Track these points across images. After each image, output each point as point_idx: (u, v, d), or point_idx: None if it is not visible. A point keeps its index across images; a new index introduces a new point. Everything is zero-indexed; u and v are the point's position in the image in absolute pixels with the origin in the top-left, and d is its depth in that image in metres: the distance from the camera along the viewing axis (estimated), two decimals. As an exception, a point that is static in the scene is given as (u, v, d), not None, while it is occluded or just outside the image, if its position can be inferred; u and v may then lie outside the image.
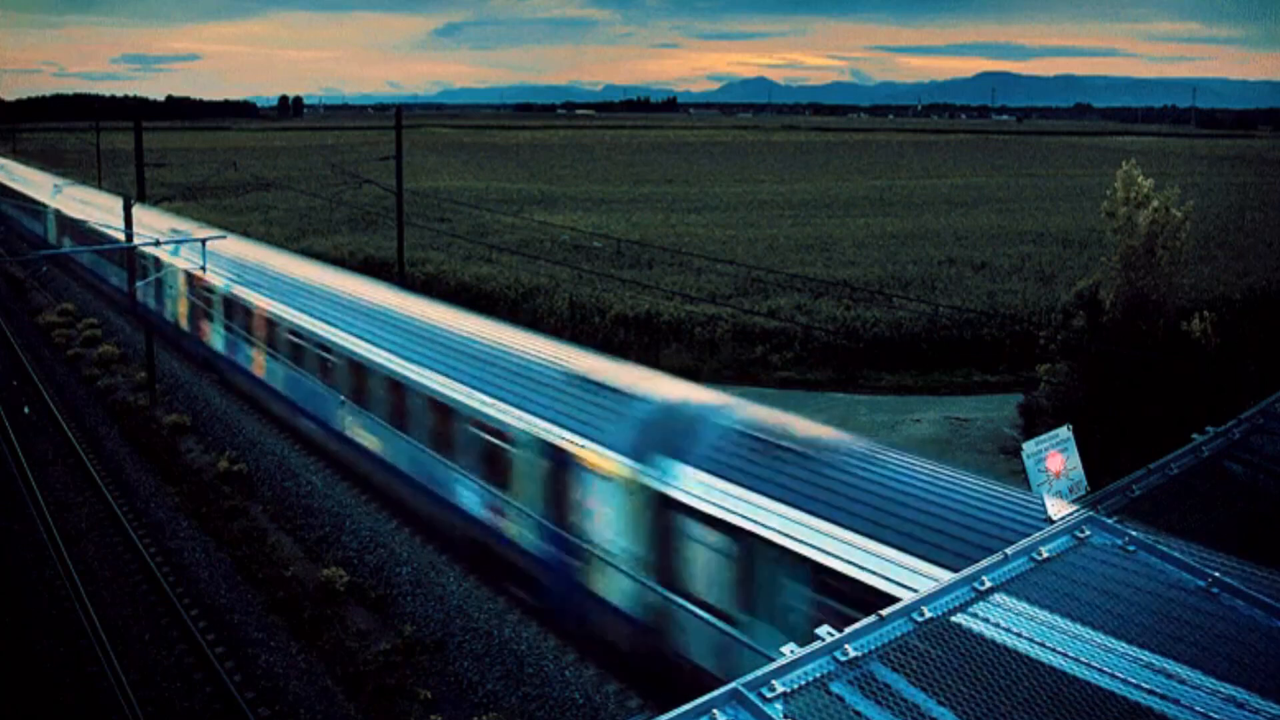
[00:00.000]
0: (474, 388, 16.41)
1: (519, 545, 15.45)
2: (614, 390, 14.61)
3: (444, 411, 17.05)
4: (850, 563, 10.28)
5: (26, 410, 26.62)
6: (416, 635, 15.53)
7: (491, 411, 15.71)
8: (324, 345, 21.38)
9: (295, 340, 22.77)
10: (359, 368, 19.84)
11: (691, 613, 12.28)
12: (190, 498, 20.95)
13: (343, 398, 20.63)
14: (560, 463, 14.23)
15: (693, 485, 12.19)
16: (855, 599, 9.75)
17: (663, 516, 12.56)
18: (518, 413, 15.24)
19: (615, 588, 13.48)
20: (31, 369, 30.80)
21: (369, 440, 19.94)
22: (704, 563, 12.06)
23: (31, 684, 14.41)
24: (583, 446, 13.83)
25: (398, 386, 18.52)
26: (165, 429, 25.21)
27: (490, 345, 17.71)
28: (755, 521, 11.32)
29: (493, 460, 15.81)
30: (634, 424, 13.58)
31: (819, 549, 10.60)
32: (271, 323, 23.99)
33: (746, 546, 11.39)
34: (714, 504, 11.84)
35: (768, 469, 11.76)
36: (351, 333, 20.59)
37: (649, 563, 12.87)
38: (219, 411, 26.50)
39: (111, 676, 14.39)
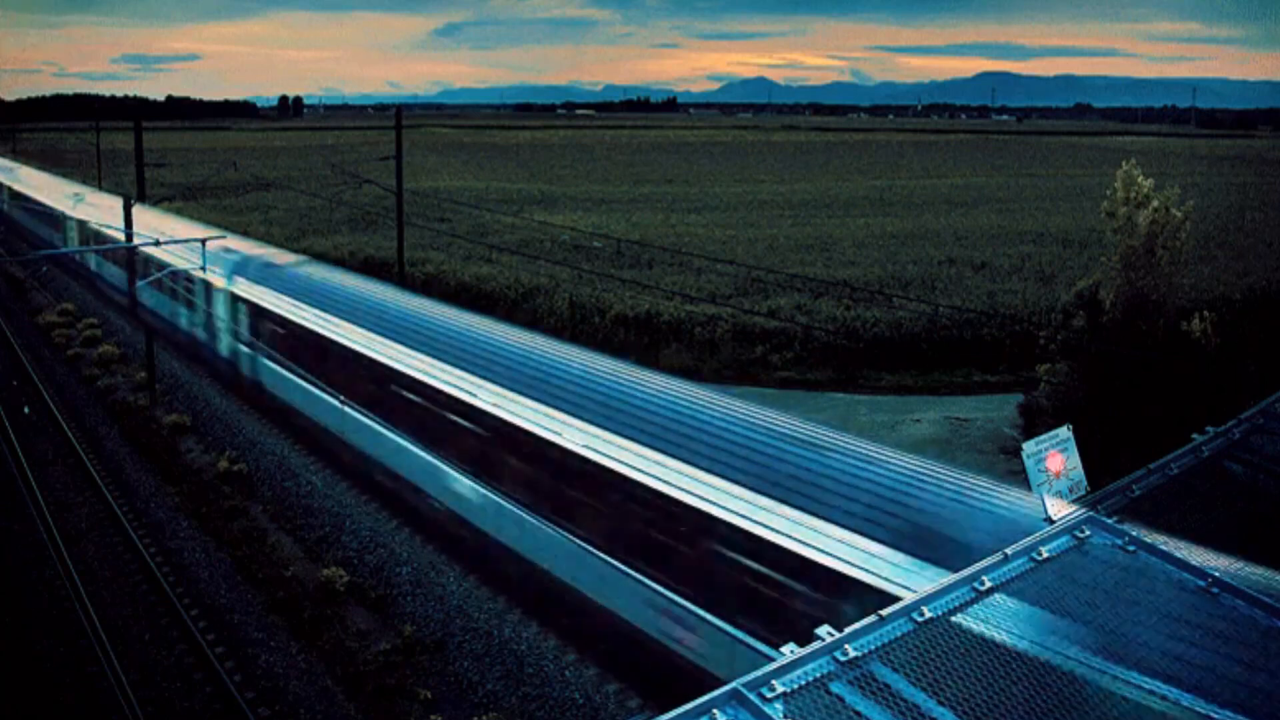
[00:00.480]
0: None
1: None
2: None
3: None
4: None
5: (26, 410, 26.62)
6: (416, 635, 15.54)
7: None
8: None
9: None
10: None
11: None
12: (190, 498, 20.95)
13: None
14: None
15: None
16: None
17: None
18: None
19: None
20: (31, 369, 30.81)
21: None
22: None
23: (31, 684, 14.41)
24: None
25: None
26: (165, 429, 25.22)
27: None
28: None
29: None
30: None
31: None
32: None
33: None
34: None
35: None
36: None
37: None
38: (219, 411, 26.50)
39: (111, 676, 14.39)
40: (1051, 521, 6.22)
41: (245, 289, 25.53)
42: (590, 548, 13.94)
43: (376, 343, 19.65)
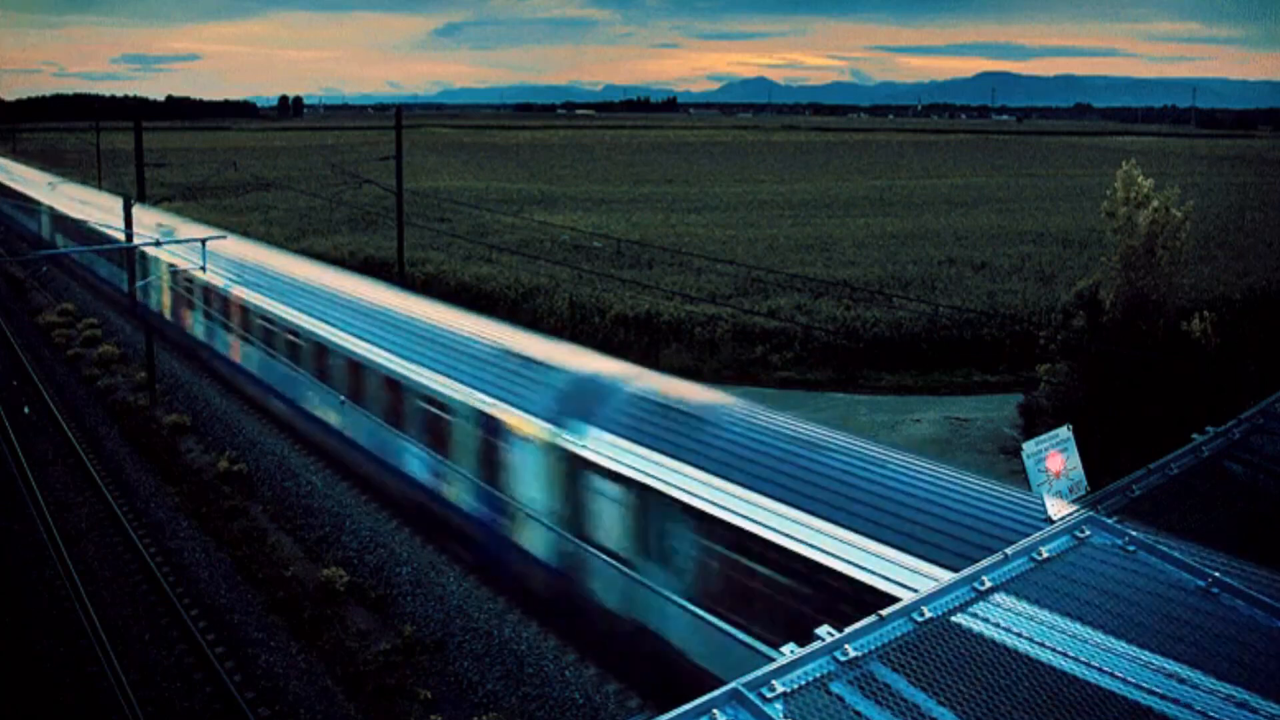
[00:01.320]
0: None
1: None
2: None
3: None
4: (749, 520, 11.14)
5: (26, 410, 26.62)
6: (416, 635, 15.54)
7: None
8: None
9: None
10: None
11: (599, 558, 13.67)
12: (190, 498, 20.95)
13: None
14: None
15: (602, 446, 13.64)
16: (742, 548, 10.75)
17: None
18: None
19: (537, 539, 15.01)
20: (31, 369, 30.81)
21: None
22: (608, 514, 13.49)
23: (31, 684, 14.41)
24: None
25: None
26: (165, 429, 25.22)
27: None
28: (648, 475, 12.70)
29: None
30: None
31: (706, 500, 12.00)
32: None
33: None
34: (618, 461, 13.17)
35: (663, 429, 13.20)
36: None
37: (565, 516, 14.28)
38: (219, 411, 26.51)
39: (111, 676, 14.39)
40: (1051, 521, 6.22)
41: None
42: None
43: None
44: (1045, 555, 5.67)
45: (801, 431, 12.58)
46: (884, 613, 4.91)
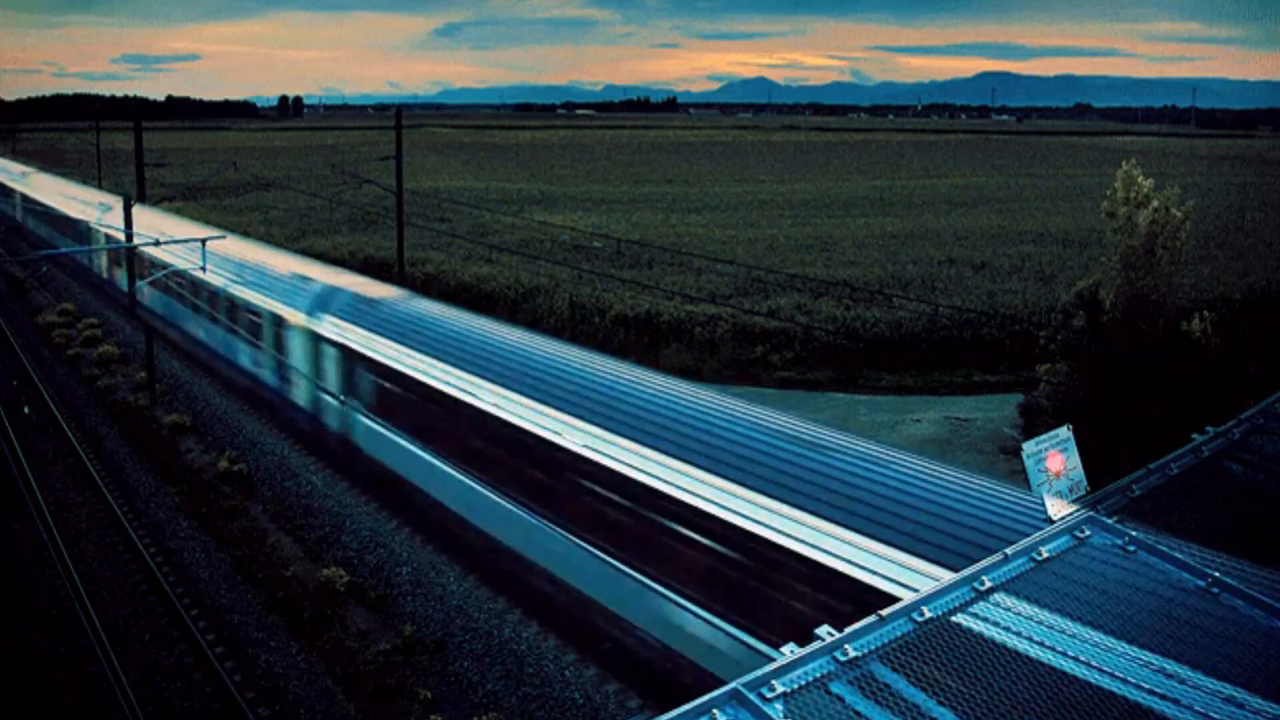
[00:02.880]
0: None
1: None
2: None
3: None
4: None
5: (26, 410, 26.61)
6: (416, 635, 15.54)
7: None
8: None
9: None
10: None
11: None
12: (190, 498, 20.95)
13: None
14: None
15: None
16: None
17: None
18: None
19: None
20: (31, 369, 30.81)
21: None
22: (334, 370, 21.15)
23: (31, 684, 14.41)
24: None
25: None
26: (165, 429, 25.22)
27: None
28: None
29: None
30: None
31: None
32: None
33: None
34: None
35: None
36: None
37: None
38: (219, 411, 26.51)
39: (111, 676, 14.39)
40: (1051, 521, 6.22)
41: (334, 330, 21.53)
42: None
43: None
44: (1045, 555, 5.67)
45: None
46: (884, 613, 4.91)
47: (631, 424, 13.75)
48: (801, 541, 10.88)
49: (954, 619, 5.03)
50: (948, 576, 5.48)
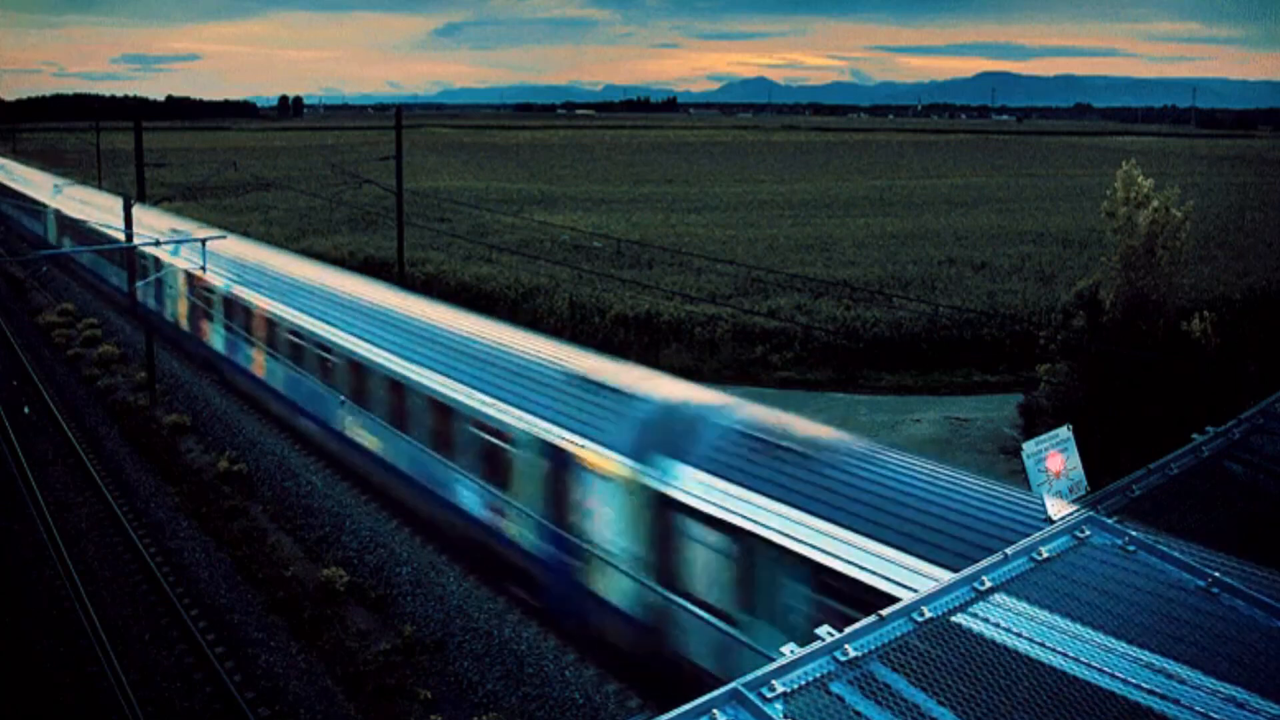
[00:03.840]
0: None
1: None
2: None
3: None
4: (848, 561, 10.32)
5: (26, 410, 26.61)
6: (416, 635, 15.53)
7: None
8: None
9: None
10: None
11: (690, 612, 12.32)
12: (190, 498, 20.95)
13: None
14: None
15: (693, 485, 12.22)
16: (854, 598, 9.82)
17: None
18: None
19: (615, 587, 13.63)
20: (31, 369, 30.80)
21: None
22: (704, 562, 12.14)
23: (31, 684, 14.41)
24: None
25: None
26: (165, 429, 25.21)
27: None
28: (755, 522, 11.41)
29: None
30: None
31: (818, 548, 10.65)
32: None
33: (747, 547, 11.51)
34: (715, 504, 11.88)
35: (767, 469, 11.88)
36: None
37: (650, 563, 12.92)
38: (219, 411, 26.50)
39: (111, 676, 14.39)
40: (1051, 521, 6.21)
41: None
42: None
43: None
44: (1045, 555, 5.67)
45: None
46: (884, 613, 4.91)
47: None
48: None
49: (954, 619, 5.03)
50: (948, 576, 5.48)
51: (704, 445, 12.57)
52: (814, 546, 10.65)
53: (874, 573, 10.04)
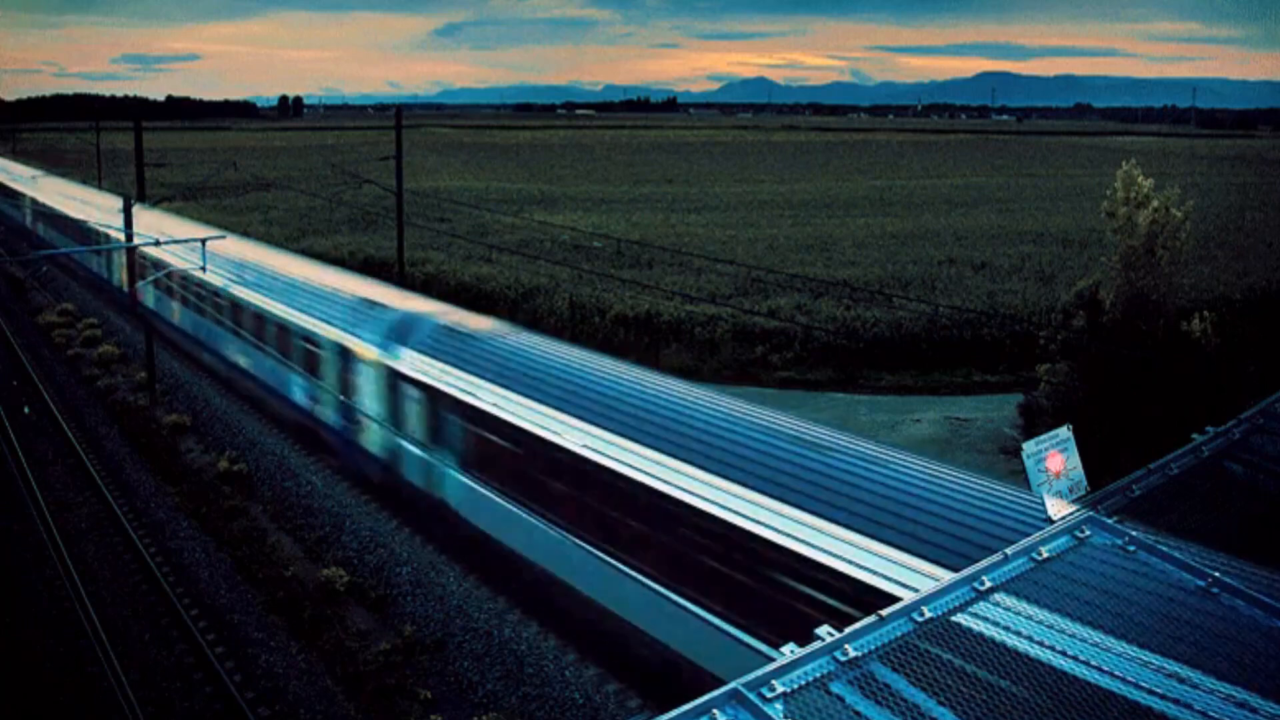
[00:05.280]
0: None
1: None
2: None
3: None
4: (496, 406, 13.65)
5: (26, 410, 26.61)
6: (416, 635, 15.54)
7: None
8: None
9: None
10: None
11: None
12: (190, 498, 20.95)
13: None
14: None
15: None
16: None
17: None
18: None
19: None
20: (31, 369, 30.80)
21: None
22: (415, 413, 17.99)
23: (31, 684, 14.40)
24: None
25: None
26: (165, 429, 25.21)
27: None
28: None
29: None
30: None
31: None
32: None
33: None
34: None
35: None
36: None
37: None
38: (219, 411, 26.50)
39: (111, 676, 14.39)
40: (1051, 521, 6.21)
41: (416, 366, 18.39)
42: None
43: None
44: (1045, 555, 5.67)
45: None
46: (884, 613, 4.91)
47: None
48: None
49: (954, 619, 5.03)
50: (948, 576, 5.48)
51: (420, 336, 18.46)
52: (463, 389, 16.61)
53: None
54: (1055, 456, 10.16)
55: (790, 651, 4.54)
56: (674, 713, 4.09)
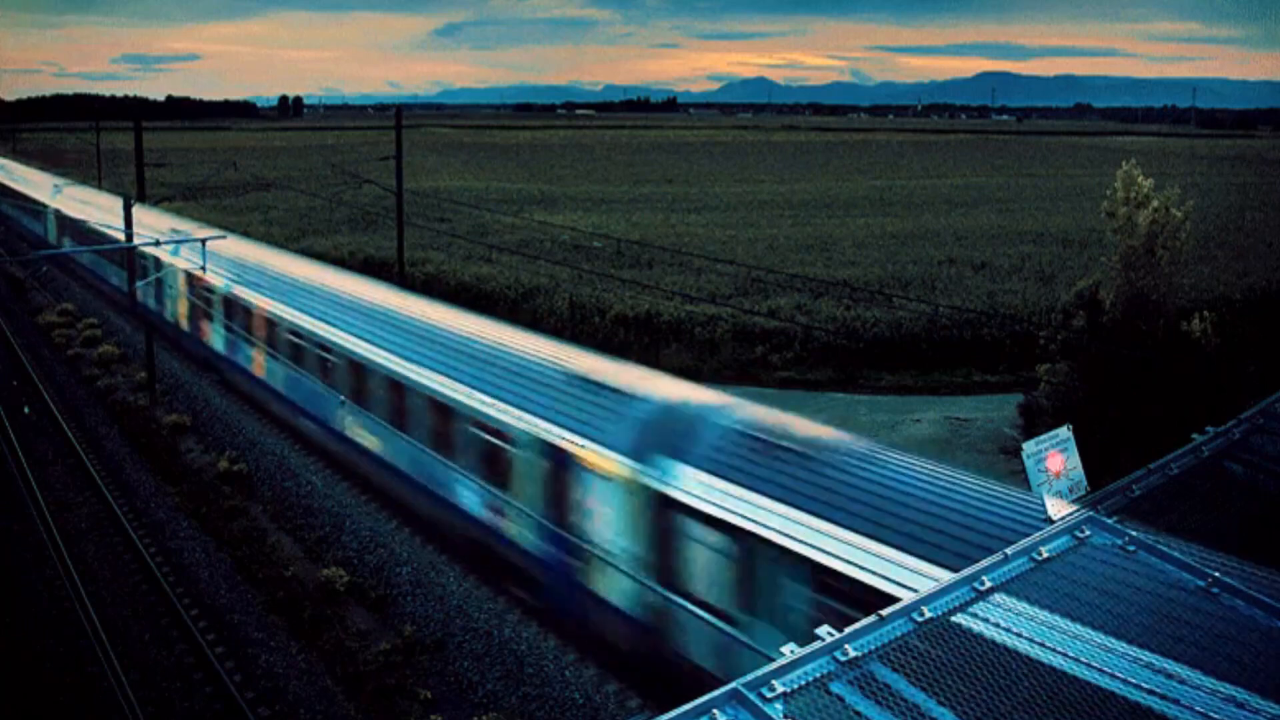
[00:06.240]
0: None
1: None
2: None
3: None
4: (849, 562, 10.31)
5: (26, 410, 26.61)
6: (416, 635, 15.53)
7: None
8: None
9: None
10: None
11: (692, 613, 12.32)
12: (190, 498, 20.95)
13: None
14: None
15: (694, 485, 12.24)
16: (854, 598, 9.83)
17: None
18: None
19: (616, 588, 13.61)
20: (31, 369, 30.80)
21: None
22: (704, 563, 12.14)
23: (31, 684, 14.40)
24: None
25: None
26: (165, 429, 25.21)
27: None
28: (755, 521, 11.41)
29: None
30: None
31: (818, 548, 10.65)
32: None
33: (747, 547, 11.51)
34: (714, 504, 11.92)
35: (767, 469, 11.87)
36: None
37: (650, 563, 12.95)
38: (219, 411, 26.49)
39: (111, 676, 14.39)
40: (1051, 521, 6.21)
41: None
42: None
43: None
44: (1045, 555, 5.67)
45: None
46: (884, 613, 4.91)
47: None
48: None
49: (954, 619, 5.03)
50: (948, 576, 5.48)
51: (706, 446, 12.55)
52: (813, 546, 10.67)
53: (873, 572, 10.04)
54: (1055, 456, 10.18)
55: (790, 651, 4.54)
56: (674, 713, 4.09)
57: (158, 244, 27.69)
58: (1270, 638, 5.06)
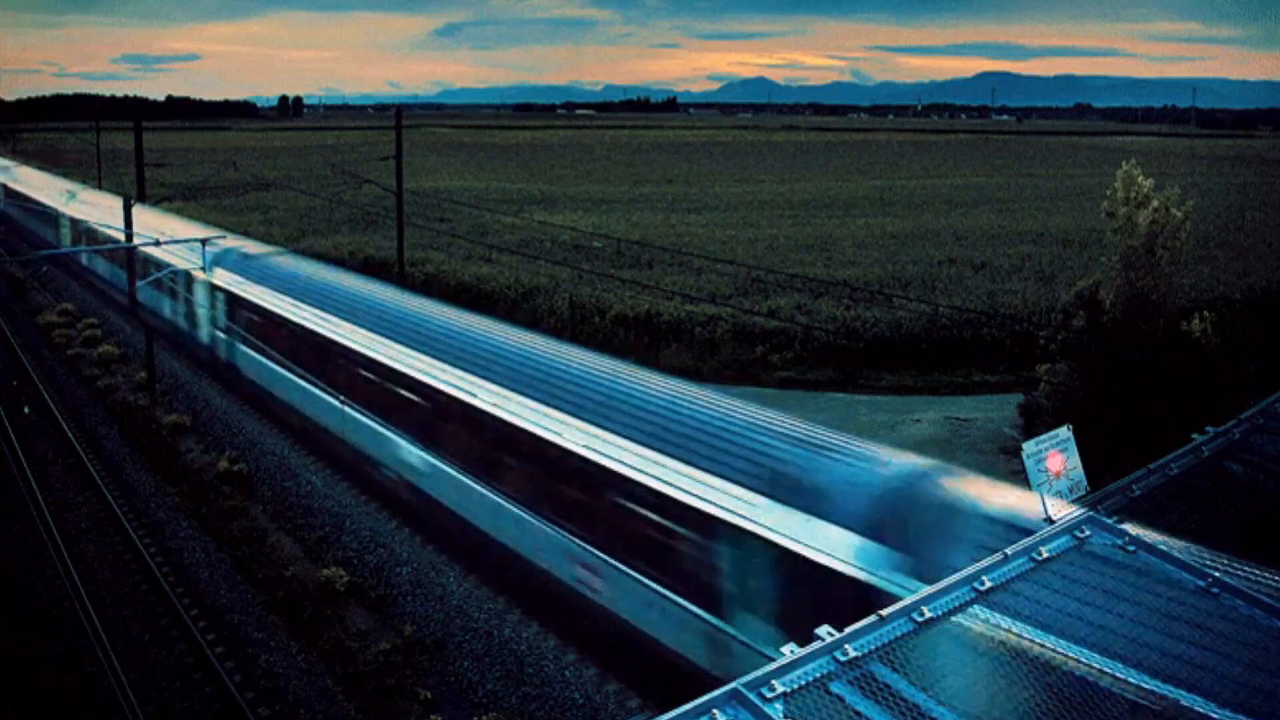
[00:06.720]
0: None
1: None
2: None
3: None
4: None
5: (26, 410, 26.61)
6: (416, 635, 15.54)
7: None
8: None
9: None
10: None
11: None
12: (190, 498, 20.95)
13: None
14: None
15: None
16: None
17: None
18: None
19: None
20: (31, 369, 30.80)
21: None
22: None
23: (31, 684, 14.40)
24: None
25: None
26: (165, 429, 25.21)
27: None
28: None
29: None
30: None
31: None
32: None
33: None
34: None
35: None
36: None
37: None
38: (219, 411, 26.50)
39: (111, 676, 14.39)
40: (1051, 521, 6.22)
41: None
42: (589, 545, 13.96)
43: None
44: (1045, 555, 5.67)
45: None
46: (884, 613, 4.91)
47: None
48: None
49: (954, 619, 5.04)
50: (948, 577, 5.48)
51: None
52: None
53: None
54: (1055, 456, 10.17)
55: (790, 651, 4.54)
56: (674, 713, 4.09)
57: (158, 244, 27.66)
58: (1270, 637, 5.06)
